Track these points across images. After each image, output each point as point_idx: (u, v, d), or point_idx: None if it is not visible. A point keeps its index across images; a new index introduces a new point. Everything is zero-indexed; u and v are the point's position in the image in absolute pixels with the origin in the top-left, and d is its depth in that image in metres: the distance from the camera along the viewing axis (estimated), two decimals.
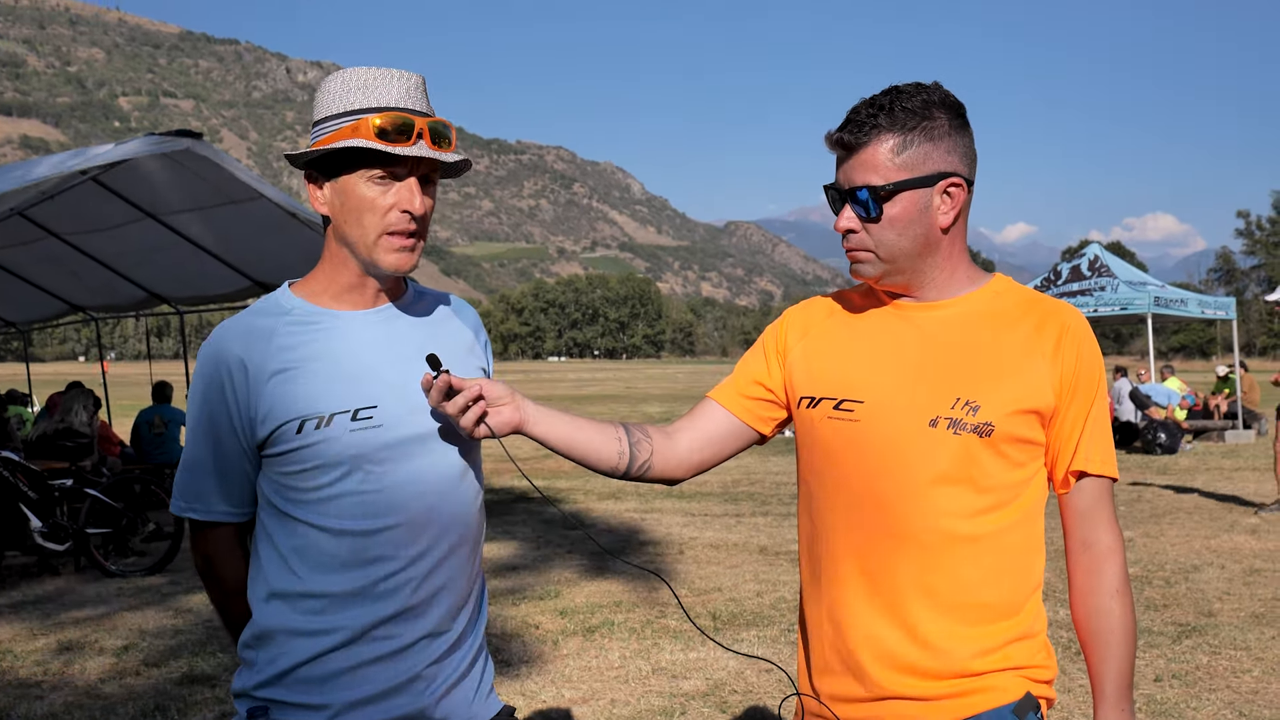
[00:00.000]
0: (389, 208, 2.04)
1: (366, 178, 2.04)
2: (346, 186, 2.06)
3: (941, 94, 2.03)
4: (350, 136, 2.01)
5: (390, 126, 2.00)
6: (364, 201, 2.04)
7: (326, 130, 2.05)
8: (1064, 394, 2.03)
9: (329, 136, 2.04)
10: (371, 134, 1.99)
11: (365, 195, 2.04)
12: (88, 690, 6.07)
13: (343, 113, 2.04)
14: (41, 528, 9.30)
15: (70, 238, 12.98)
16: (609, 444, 2.21)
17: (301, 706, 2.05)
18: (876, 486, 2.03)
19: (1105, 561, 2.07)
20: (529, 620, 7.42)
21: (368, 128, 2.00)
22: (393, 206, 2.05)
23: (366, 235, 2.06)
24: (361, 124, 2.00)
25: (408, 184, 2.05)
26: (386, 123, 2.00)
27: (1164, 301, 21.59)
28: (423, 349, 2.10)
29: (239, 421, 2.06)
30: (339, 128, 2.03)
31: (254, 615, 2.11)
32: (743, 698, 5.73)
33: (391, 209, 2.05)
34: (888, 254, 2.05)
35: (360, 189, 2.04)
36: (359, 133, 2.00)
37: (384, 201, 2.04)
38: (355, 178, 2.04)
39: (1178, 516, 11.72)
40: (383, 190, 2.04)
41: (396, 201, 2.05)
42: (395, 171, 2.04)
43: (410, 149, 2.01)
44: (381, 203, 2.04)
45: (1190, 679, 5.94)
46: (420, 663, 2.08)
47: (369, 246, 2.07)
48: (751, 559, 9.60)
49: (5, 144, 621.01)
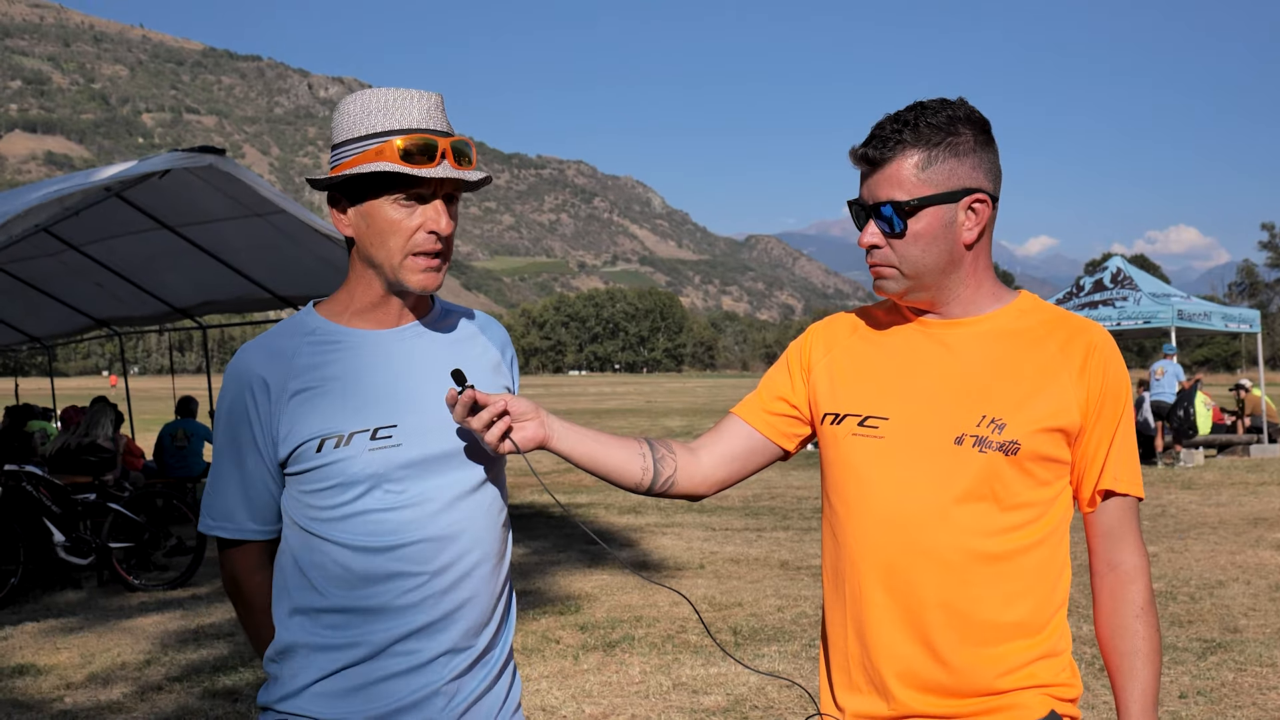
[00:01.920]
0: (415, 229, 2.05)
1: (391, 200, 2.04)
2: (371, 210, 2.06)
3: (966, 110, 2.02)
4: (374, 160, 2.01)
5: (414, 148, 2.00)
6: (390, 224, 2.05)
7: (348, 154, 2.06)
8: (1090, 413, 2.01)
9: (352, 160, 2.05)
10: (396, 157, 2.00)
11: (391, 218, 2.05)
12: (110, 704, 6.09)
13: (364, 136, 2.04)
14: (64, 542, 9.34)
15: (94, 253, 13.07)
16: (633, 460, 2.21)
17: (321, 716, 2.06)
18: (900, 504, 2.02)
19: (1131, 581, 2.05)
20: (549, 634, 7.41)
21: (392, 151, 2.00)
22: (419, 228, 2.05)
23: (393, 257, 2.06)
24: (385, 147, 2.01)
25: (434, 205, 2.06)
26: (410, 145, 2.00)
27: (1187, 315, 21.44)
28: (445, 367, 2.10)
29: (263, 440, 2.08)
30: (362, 151, 2.03)
31: (277, 630, 2.12)
32: (764, 714, 5.71)
33: (417, 230, 2.05)
34: (912, 270, 2.04)
35: (386, 211, 2.05)
36: (383, 156, 2.00)
37: (409, 223, 2.05)
38: (380, 201, 2.05)
39: (1202, 531, 11.63)
40: (408, 212, 2.05)
41: (423, 223, 2.05)
42: (420, 193, 2.05)
43: (434, 170, 2.01)
44: (407, 224, 2.05)
45: (1215, 696, 5.89)
46: (440, 678, 2.08)
47: (395, 268, 2.07)
48: (772, 574, 9.57)
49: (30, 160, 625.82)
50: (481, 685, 2.15)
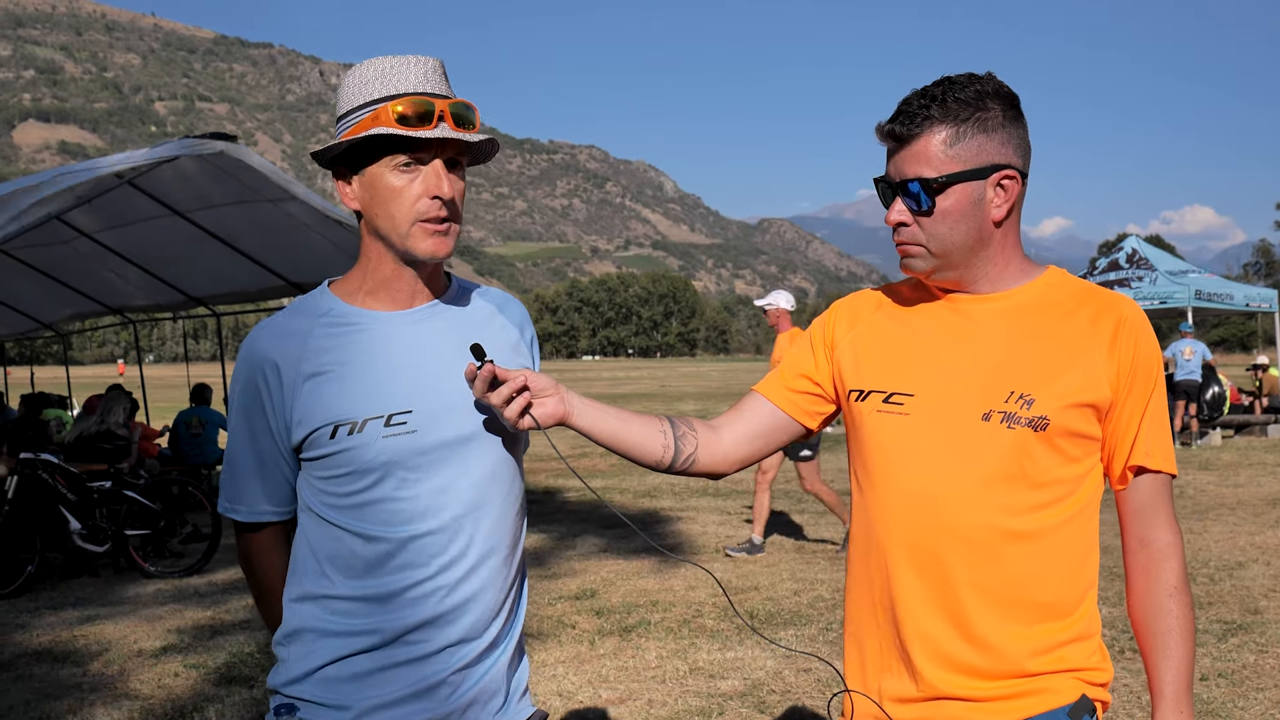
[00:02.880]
0: (418, 195, 2.01)
1: (392, 166, 2.00)
2: (373, 177, 2.02)
3: (995, 84, 1.98)
4: (371, 125, 1.98)
5: (411, 111, 1.97)
6: (392, 190, 2.01)
7: (349, 123, 2.03)
8: (1121, 387, 1.97)
9: (352, 129, 2.02)
10: (392, 120, 1.96)
11: (392, 184, 2.01)
12: (127, 690, 6.09)
13: (363, 104, 2.01)
14: (80, 529, 9.36)
15: (108, 241, 13.08)
16: (654, 437, 2.18)
17: (326, 706, 2.04)
18: (927, 482, 1.98)
19: (1163, 560, 2.01)
20: (565, 620, 7.40)
21: (388, 114, 1.96)
22: (421, 194, 2.01)
23: (398, 225, 2.02)
24: (382, 111, 1.97)
25: (433, 168, 2.01)
26: (407, 108, 1.97)
27: (1205, 294, 21.29)
28: (461, 351, 2.06)
29: (275, 424, 2.05)
30: (360, 119, 2.01)
31: (285, 614, 2.11)
32: (781, 698, 5.68)
33: (420, 196, 2.01)
34: (939, 248, 2.00)
35: (387, 178, 2.01)
36: (380, 120, 1.97)
37: (412, 189, 2.01)
38: (380, 167, 2.01)
39: (1221, 512, 11.57)
40: (410, 177, 2.01)
41: (425, 188, 2.01)
42: (420, 156, 2.00)
43: (432, 131, 1.97)
44: (410, 190, 2.01)
45: (1237, 678, 5.85)
46: (446, 668, 2.05)
47: (402, 236, 2.03)
48: (788, 557, 9.55)
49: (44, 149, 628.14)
50: (488, 675, 2.12)
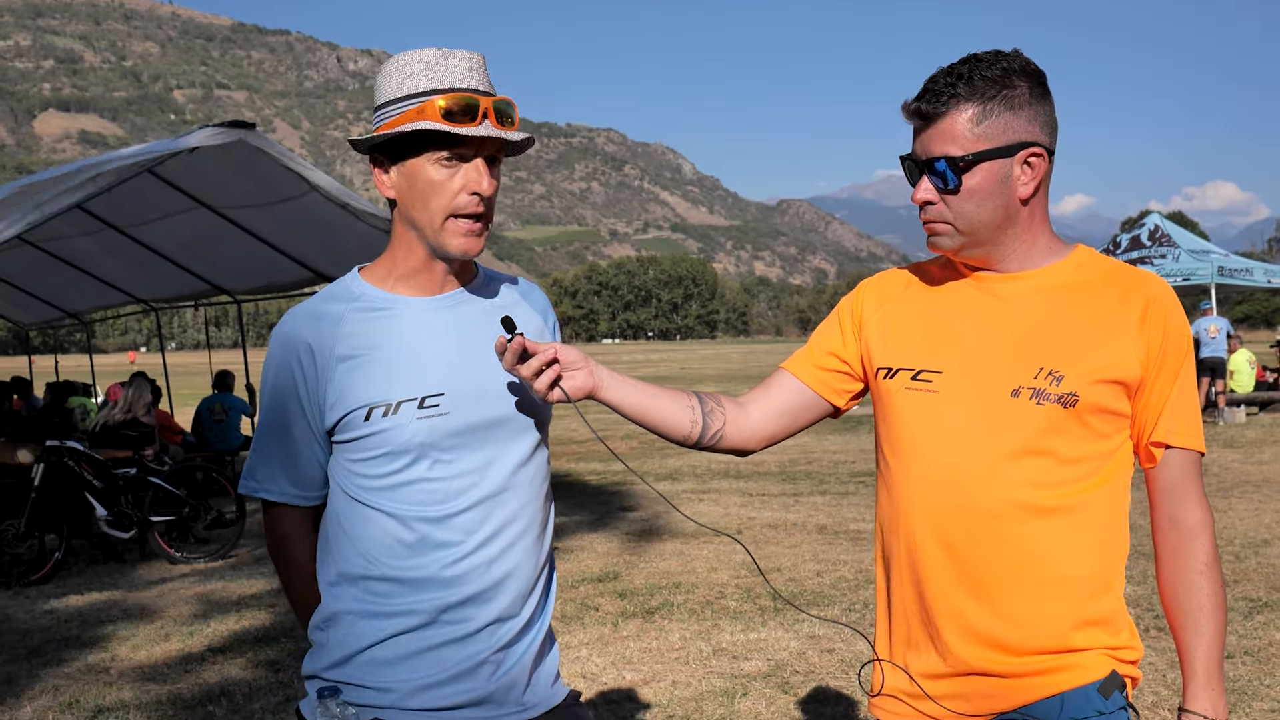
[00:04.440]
0: (457, 190, 2.03)
1: (434, 160, 2.02)
2: (413, 169, 2.04)
3: (1022, 61, 1.96)
4: (416, 119, 1.99)
5: (456, 107, 1.98)
6: (431, 184, 2.03)
7: (391, 114, 2.04)
8: (1151, 365, 1.96)
9: (394, 120, 2.03)
10: (438, 115, 1.98)
11: (433, 178, 2.03)
12: (154, 675, 6.14)
13: (407, 95, 2.02)
14: (106, 516, 9.43)
15: (130, 230, 13.14)
16: (682, 412, 2.18)
17: (370, 688, 2.05)
18: (956, 458, 1.98)
19: (1194, 538, 2.00)
20: (588, 602, 7.42)
21: (434, 109, 1.98)
22: (461, 189, 2.03)
23: (434, 218, 2.05)
24: (427, 105, 1.98)
25: (475, 165, 2.04)
26: (452, 103, 1.98)
27: (1228, 271, 21.15)
28: (491, 335, 2.09)
29: (309, 407, 2.07)
30: (404, 110, 2.01)
31: (324, 598, 2.12)
32: (804, 678, 5.69)
33: (460, 191, 2.03)
34: (967, 226, 1.99)
35: (428, 171, 2.03)
36: (425, 114, 1.98)
37: (452, 184, 2.03)
38: (422, 160, 2.03)
39: (1246, 490, 11.51)
40: (450, 172, 2.03)
41: (465, 184, 2.03)
42: (462, 153, 2.02)
43: (476, 129, 1.99)
44: (449, 185, 2.03)
45: (1263, 655, 5.82)
46: (488, 647, 2.08)
47: (436, 230, 2.05)
48: (810, 538, 9.54)
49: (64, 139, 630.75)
50: (527, 654, 2.14)
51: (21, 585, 8.65)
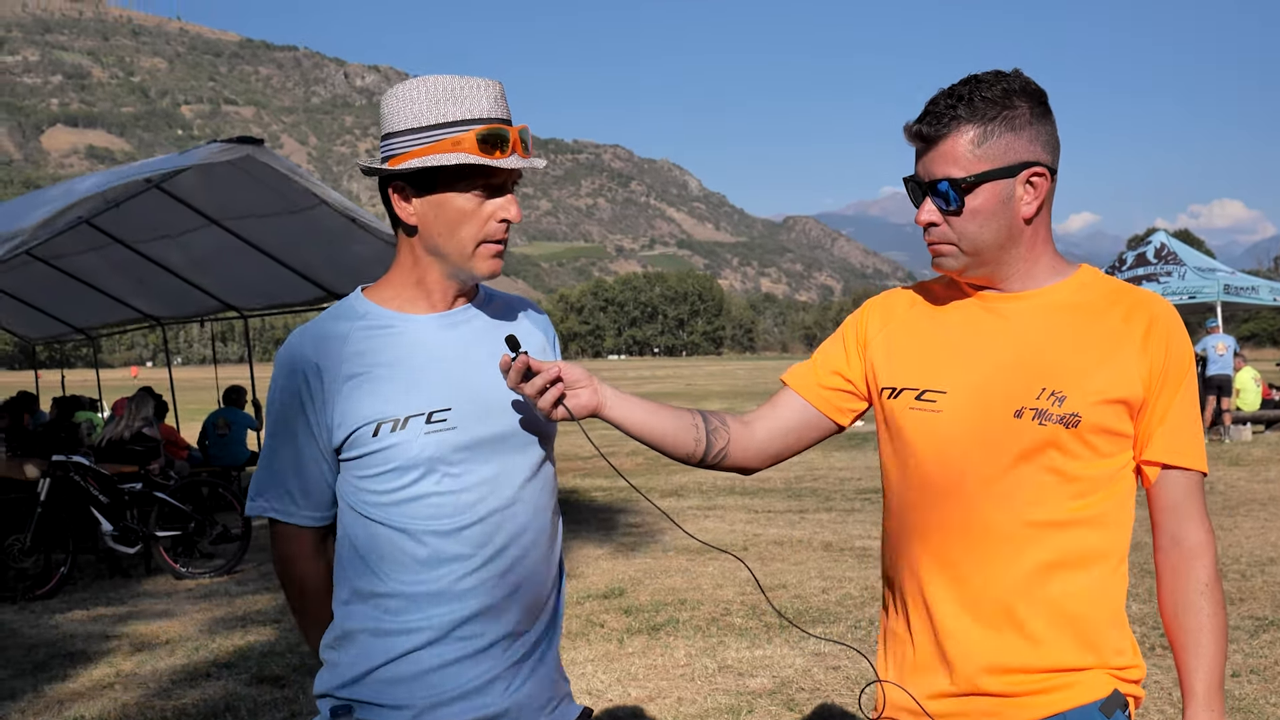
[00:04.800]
0: (487, 218, 2.07)
1: (467, 190, 2.05)
2: (444, 201, 2.06)
3: (1022, 81, 1.98)
4: (452, 150, 2.01)
5: (490, 139, 2.01)
6: (462, 214, 2.06)
7: (418, 142, 2.04)
8: (1153, 385, 1.97)
9: (422, 149, 2.03)
10: (475, 149, 2.00)
11: (464, 208, 2.06)
12: (159, 690, 6.14)
13: (435, 125, 2.02)
14: (112, 531, 9.44)
15: (137, 245, 13.18)
16: (686, 430, 2.19)
17: (384, 706, 2.05)
18: (959, 478, 1.99)
19: (1195, 558, 2.00)
20: (594, 619, 7.41)
21: (471, 142, 2.00)
22: (490, 217, 2.07)
23: (464, 246, 2.07)
24: (464, 139, 2.01)
25: (508, 196, 2.08)
26: (487, 135, 2.01)
27: (1234, 289, 21.14)
28: (496, 351, 2.11)
29: (316, 426, 2.08)
30: (436, 140, 2.02)
31: (335, 616, 2.13)
32: (810, 695, 5.68)
33: (489, 219, 2.07)
34: (970, 246, 2.00)
35: (459, 202, 2.05)
36: (461, 147, 2.00)
37: (482, 212, 2.06)
38: (453, 191, 2.05)
39: (1252, 508, 11.49)
40: (479, 201, 2.06)
41: (495, 212, 2.07)
42: (493, 184, 2.05)
43: (508, 161, 2.02)
44: (480, 213, 2.06)
45: (1269, 674, 5.81)
46: (502, 663, 2.08)
47: (466, 257, 2.08)
48: (816, 555, 9.53)
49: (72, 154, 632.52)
50: (539, 669, 2.15)
51: (27, 600, 8.67)
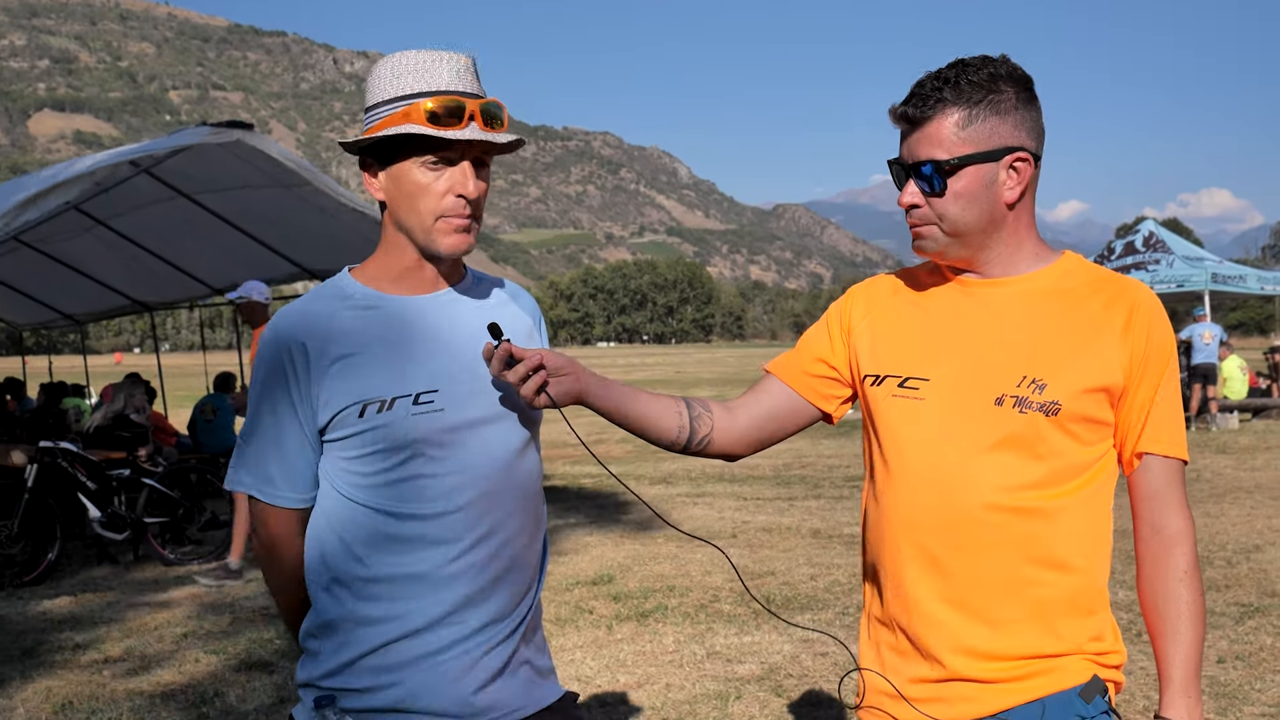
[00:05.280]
0: (444, 192, 2.03)
1: (420, 163, 2.02)
2: (401, 172, 2.04)
3: (1009, 67, 1.98)
4: (402, 122, 1.99)
5: (441, 110, 1.98)
6: (418, 187, 2.03)
7: (379, 116, 2.04)
8: (1134, 373, 1.97)
9: (381, 122, 2.03)
10: (423, 119, 1.98)
11: (419, 181, 2.03)
12: (147, 677, 6.14)
13: (394, 98, 2.02)
14: (100, 517, 9.42)
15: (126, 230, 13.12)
16: (669, 417, 2.19)
17: (367, 693, 2.04)
18: (939, 464, 1.99)
19: (1175, 545, 2.01)
20: (583, 605, 7.42)
21: (419, 112, 1.98)
22: (447, 191, 2.03)
23: (423, 220, 2.05)
24: (413, 109, 1.99)
25: (461, 168, 2.04)
26: (438, 106, 1.98)
27: (1221, 278, 21.20)
28: (482, 333, 2.10)
29: (301, 406, 2.06)
30: (391, 113, 2.02)
31: (316, 604, 2.10)
32: (798, 681, 5.70)
33: (446, 194, 2.04)
34: (952, 228, 2.00)
35: (414, 174, 2.03)
36: (410, 118, 1.99)
37: (438, 186, 2.03)
38: (409, 163, 2.03)
39: (1238, 496, 11.54)
40: (436, 175, 2.03)
41: (450, 186, 2.04)
42: (448, 156, 2.03)
43: (462, 132, 1.99)
44: (436, 187, 2.03)
45: (1253, 660, 5.84)
46: (485, 648, 2.07)
47: (426, 231, 2.06)
48: (804, 543, 9.55)
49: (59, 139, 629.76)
50: (524, 653, 2.15)
51: (15, 586, 8.64)
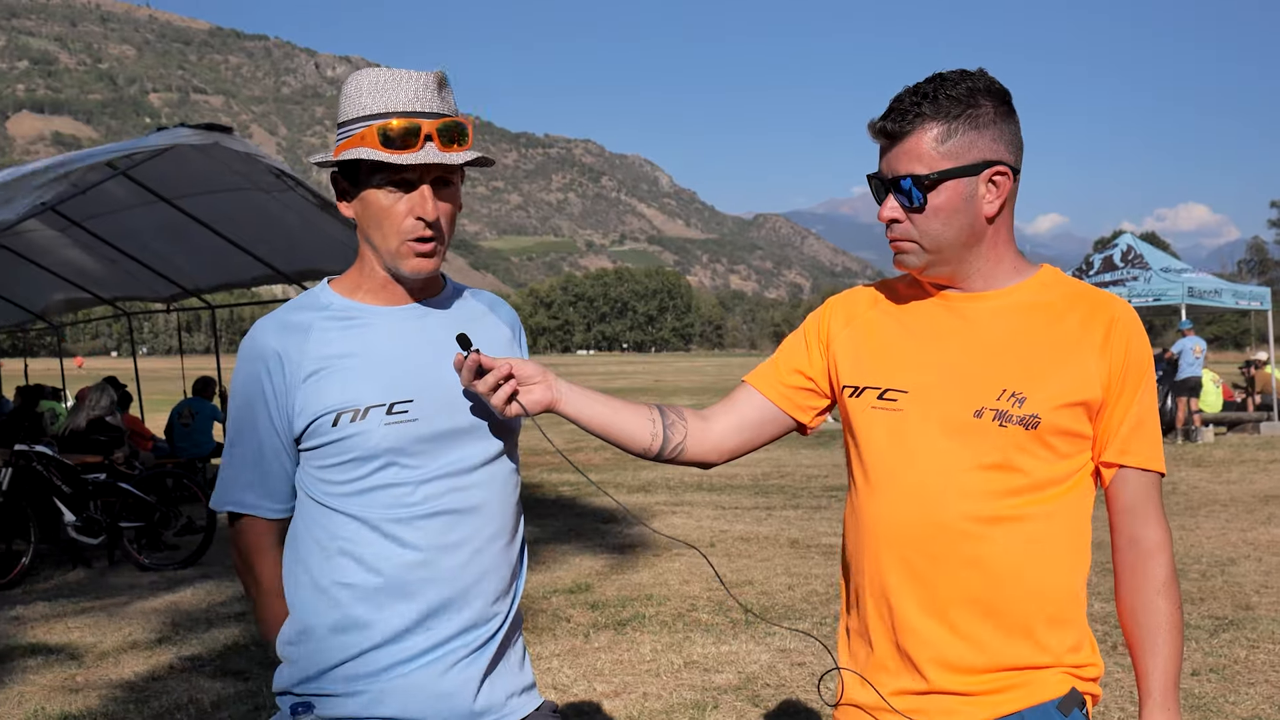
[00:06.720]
0: (405, 214, 2.04)
1: (380, 186, 2.03)
2: (366, 196, 2.05)
3: (987, 81, 1.98)
4: (358, 145, 2.00)
5: (395, 134, 1.98)
6: (381, 210, 2.04)
7: (343, 137, 2.05)
8: (1112, 387, 1.98)
9: (342, 145, 2.05)
10: (376, 143, 1.98)
11: (382, 204, 2.04)
12: (121, 684, 6.10)
13: (355, 119, 2.03)
14: (75, 521, 9.36)
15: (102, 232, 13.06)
16: (642, 425, 2.19)
17: (343, 699, 2.05)
18: (919, 477, 1.99)
19: (1152, 558, 2.02)
20: (560, 613, 7.41)
21: (372, 136, 1.98)
22: (408, 214, 2.04)
23: (388, 242, 2.06)
24: (368, 132, 1.99)
25: (421, 191, 2.03)
26: (391, 128, 1.98)
27: (1198, 292, 21.33)
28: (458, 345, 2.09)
29: (278, 416, 2.07)
30: (349, 135, 2.03)
31: (294, 611, 2.10)
32: (775, 691, 5.70)
33: (407, 216, 2.04)
34: (932, 244, 2.01)
35: (378, 198, 2.04)
36: (365, 141, 1.99)
37: (400, 208, 2.04)
38: (371, 186, 2.04)
39: (1213, 509, 11.61)
40: (396, 197, 2.03)
41: (411, 208, 2.03)
42: (406, 178, 2.02)
43: (415, 155, 1.98)
44: (398, 209, 2.04)
45: (1228, 673, 5.87)
46: (461, 655, 2.07)
47: (391, 254, 2.07)
48: (782, 552, 9.56)
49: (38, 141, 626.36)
50: (500, 660, 2.15)
51: None
